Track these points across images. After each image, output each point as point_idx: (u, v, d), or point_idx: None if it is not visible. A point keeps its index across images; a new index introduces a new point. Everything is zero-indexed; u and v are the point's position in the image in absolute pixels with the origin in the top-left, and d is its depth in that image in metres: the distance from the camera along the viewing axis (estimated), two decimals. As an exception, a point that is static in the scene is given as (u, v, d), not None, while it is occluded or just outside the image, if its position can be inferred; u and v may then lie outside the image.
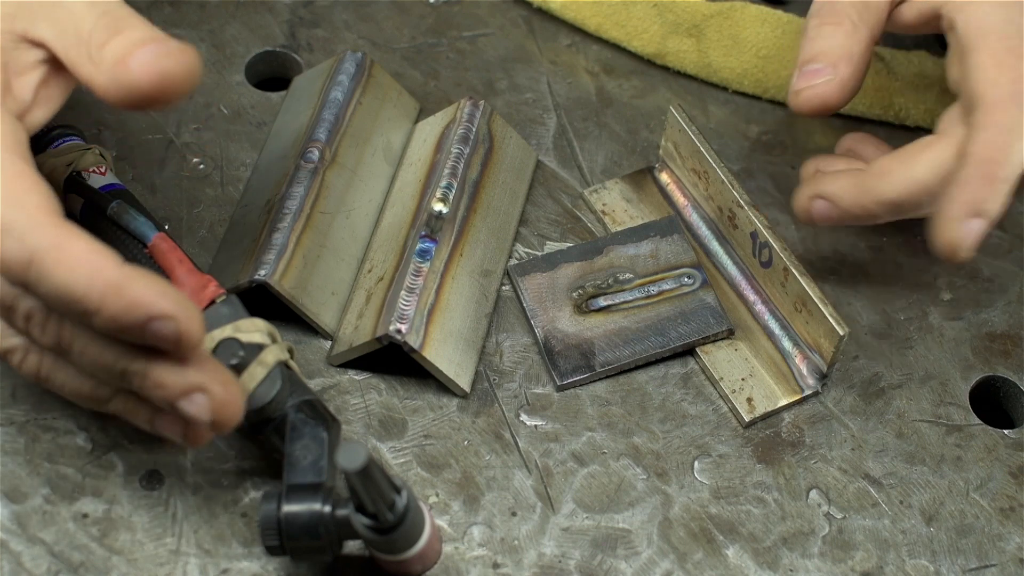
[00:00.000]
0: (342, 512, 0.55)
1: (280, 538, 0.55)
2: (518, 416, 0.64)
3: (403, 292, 0.63)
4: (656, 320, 0.66)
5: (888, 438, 0.65)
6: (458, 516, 0.61)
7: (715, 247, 0.69)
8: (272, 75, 0.76)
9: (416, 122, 0.73)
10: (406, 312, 0.62)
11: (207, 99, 0.73)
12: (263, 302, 0.63)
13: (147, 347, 0.52)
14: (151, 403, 0.54)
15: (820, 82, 0.64)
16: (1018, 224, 0.72)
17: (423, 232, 0.65)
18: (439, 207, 0.66)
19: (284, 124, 0.71)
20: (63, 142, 0.65)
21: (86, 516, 0.59)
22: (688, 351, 0.66)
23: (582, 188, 0.72)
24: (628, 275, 0.68)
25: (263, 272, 0.63)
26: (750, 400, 0.65)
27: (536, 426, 0.64)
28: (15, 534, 0.59)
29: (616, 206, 0.71)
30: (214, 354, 0.56)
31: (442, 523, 0.61)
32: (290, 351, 0.59)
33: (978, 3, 0.62)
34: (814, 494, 0.63)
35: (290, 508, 0.55)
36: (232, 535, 0.59)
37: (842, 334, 0.62)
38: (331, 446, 0.57)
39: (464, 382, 0.64)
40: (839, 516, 0.62)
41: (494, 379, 0.65)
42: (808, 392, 0.65)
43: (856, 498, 0.63)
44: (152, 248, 0.60)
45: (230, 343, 0.56)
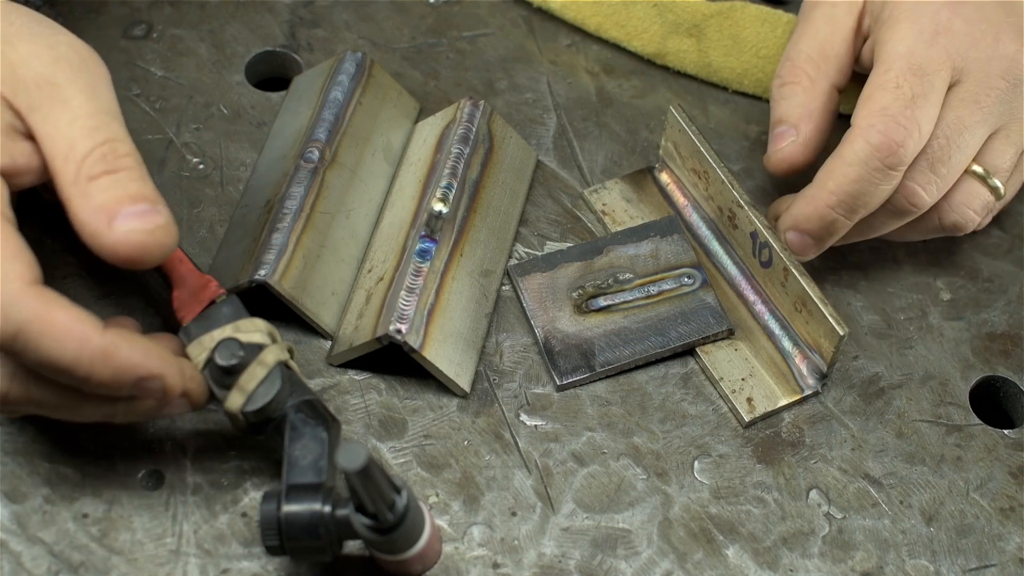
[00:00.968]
0: (342, 512, 0.55)
1: (280, 538, 0.55)
2: (518, 416, 0.64)
3: (403, 292, 0.63)
4: (656, 320, 0.66)
5: (888, 438, 0.65)
6: (458, 516, 0.61)
7: (715, 247, 0.69)
8: (272, 75, 0.76)
9: (416, 122, 0.73)
10: (406, 312, 0.62)
11: (207, 99, 0.73)
12: (263, 302, 0.63)
13: None
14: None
15: (786, 145, 0.67)
16: (1018, 224, 0.72)
17: (423, 232, 0.65)
18: (439, 207, 0.66)
19: (284, 124, 0.71)
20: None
21: (86, 516, 0.59)
22: (688, 351, 0.66)
23: (582, 188, 0.72)
24: (628, 275, 0.68)
25: (263, 272, 0.63)
26: (750, 400, 0.65)
27: (536, 426, 0.64)
28: (15, 534, 0.59)
29: (616, 206, 0.71)
30: (214, 354, 0.56)
31: (442, 523, 0.61)
32: (290, 351, 0.59)
33: (893, 31, 0.64)
34: (814, 494, 0.63)
35: (290, 508, 0.55)
36: (232, 535, 0.59)
37: (842, 334, 0.62)
38: (331, 446, 0.57)
39: (464, 382, 0.64)
40: (839, 516, 0.62)
41: (494, 379, 0.65)
42: (808, 392, 0.65)
43: (856, 498, 0.63)
44: (152, 248, 0.60)
45: (230, 343, 0.56)
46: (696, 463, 0.63)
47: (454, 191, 0.67)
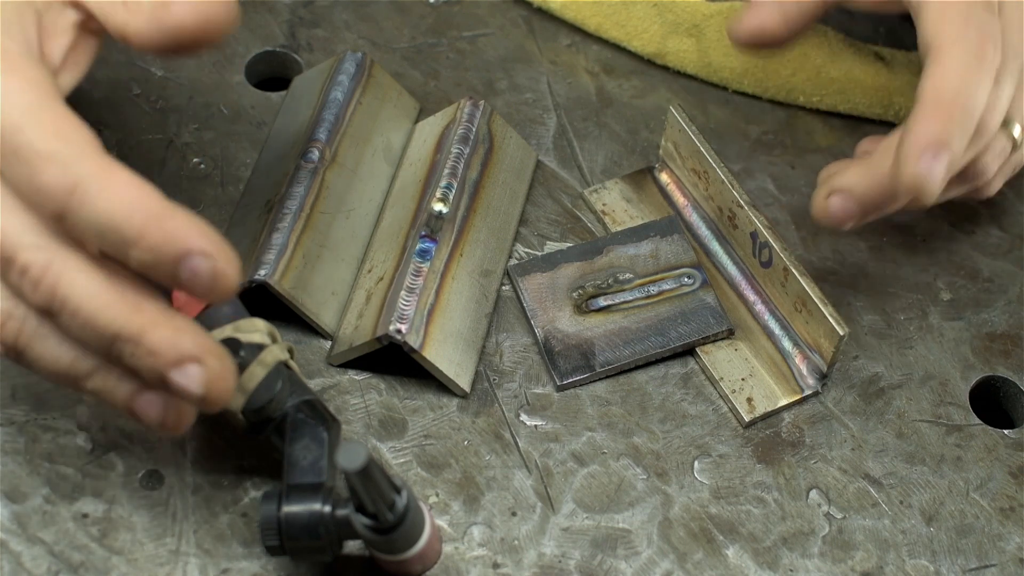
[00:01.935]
0: (342, 512, 0.55)
1: (280, 538, 0.55)
2: (518, 416, 0.64)
3: (403, 292, 0.63)
4: (656, 320, 0.66)
5: (888, 438, 0.65)
6: (458, 516, 0.61)
7: (715, 247, 0.69)
8: (272, 75, 0.76)
9: (416, 122, 0.73)
10: (406, 312, 0.62)
11: (207, 99, 0.73)
12: (263, 302, 0.63)
13: (148, 310, 0.50)
14: (134, 380, 0.52)
15: (762, 11, 0.64)
16: (1018, 224, 0.72)
17: (423, 232, 0.65)
18: (439, 207, 0.66)
19: (284, 124, 0.71)
20: (63, 142, 0.65)
21: (86, 516, 0.59)
22: (688, 351, 0.66)
23: (582, 188, 0.72)
24: (628, 275, 0.68)
25: (263, 272, 0.63)
26: (750, 400, 0.65)
27: (536, 426, 0.64)
28: (15, 534, 0.59)
29: (616, 206, 0.71)
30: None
31: (442, 523, 0.61)
32: (290, 351, 0.59)
33: None
34: (814, 494, 0.63)
35: (290, 508, 0.55)
36: (232, 535, 0.59)
37: (842, 334, 0.62)
38: (331, 446, 0.57)
39: (464, 382, 0.64)
40: (839, 516, 0.62)
41: (494, 379, 0.65)
42: (808, 392, 0.65)
43: (856, 498, 0.63)
44: (152, 248, 0.60)
45: (230, 343, 0.56)
46: (696, 463, 0.63)
47: (454, 191, 0.67)
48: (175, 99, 0.73)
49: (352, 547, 0.59)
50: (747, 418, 0.64)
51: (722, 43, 0.75)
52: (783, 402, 0.65)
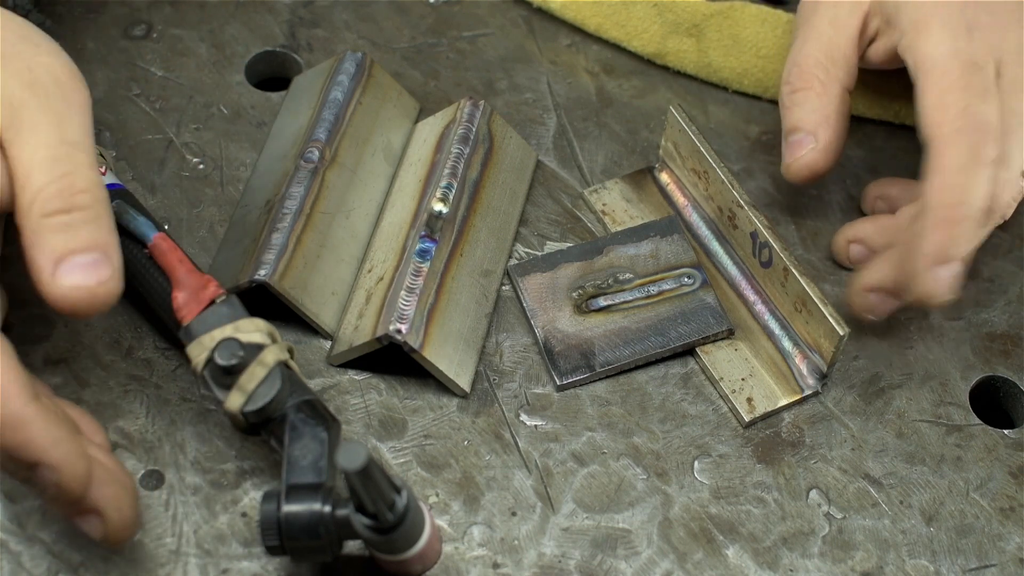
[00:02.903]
0: (342, 512, 0.55)
1: (280, 538, 0.55)
2: (518, 416, 0.64)
3: (403, 292, 0.63)
4: (656, 320, 0.66)
5: (888, 438, 0.65)
6: (458, 516, 0.61)
7: (715, 247, 0.69)
8: (272, 75, 0.76)
9: (416, 122, 0.73)
10: (406, 312, 0.62)
11: (207, 99, 0.73)
12: (263, 302, 0.63)
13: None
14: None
15: (804, 152, 0.66)
16: (1018, 224, 0.72)
17: (423, 232, 0.65)
18: (439, 207, 0.66)
19: (284, 124, 0.71)
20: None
21: (86, 516, 0.59)
22: (688, 351, 0.66)
23: (582, 188, 0.72)
24: (628, 275, 0.68)
25: (263, 272, 0.63)
26: (750, 400, 0.65)
27: (536, 426, 0.64)
28: (14, 534, 0.59)
29: (616, 206, 0.71)
30: (214, 354, 0.56)
31: (442, 523, 0.61)
32: (290, 351, 0.59)
33: (926, 35, 0.63)
34: (814, 494, 0.63)
35: (290, 508, 0.55)
36: (232, 535, 0.59)
37: (842, 334, 0.62)
38: (331, 446, 0.57)
39: (464, 382, 0.64)
40: (839, 516, 0.62)
41: (494, 379, 0.65)
42: (808, 392, 0.65)
43: (856, 498, 0.63)
44: (152, 248, 0.60)
45: (230, 343, 0.56)
46: (696, 463, 0.63)
47: (454, 191, 0.67)
48: (175, 99, 0.73)
49: (352, 547, 0.59)
50: (747, 418, 0.64)
51: (722, 43, 0.75)
52: (783, 402, 0.65)
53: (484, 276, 0.67)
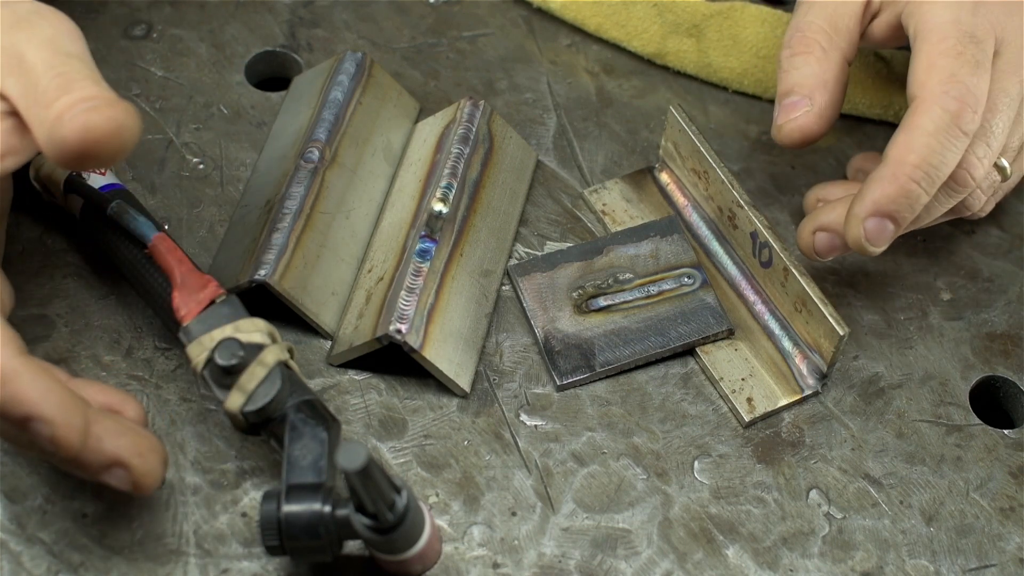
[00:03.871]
0: (342, 512, 0.55)
1: (280, 538, 0.55)
2: (518, 416, 0.64)
3: (403, 292, 0.63)
4: (656, 320, 0.66)
5: (888, 438, 0.65)
6: (458, 516, 0.61)
7: (715, 247, 0.69)
8: (272, 75, 0.76)
9: (416, 122, 0.73)
10: (406, 312, 0.62)
11: (207, 99, 0.73)
12: (263, 302, 0.63)
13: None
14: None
15: (799, 114, 0.65)
16: (1018, 224, 0.72)
17: (423, 232, 0.65)
18: (439, 207, 0.66)
19: (284, 124, 0.71)
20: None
21: (86, 516, 0.59)
22: (688, 351, 0.66)
23: (582, 188, 0.72)
24: (628, 275, 0.68)
25: (263, 272, 0.63)
26: (750, 400, 0.65)
27: (536, 426, 0.64)
28: (15, 534, 0.59)
29: (616, 206, 0.71)
30: (214, 354, 0.56)
31: (442, 523, 0.61)
32: (290, 351, 0.59)
33: (931, 3, 0.63)
34: (814, 494, 0.63)
35: (290, 508, 0.55)
36: (232, 535, 0.59)
37: (842, 334, 0.62)
38: (331, 446, 0.57)
39: (464, 382, 0.64)
40: (839, 516, 0.62)
41: (494, 379, 0.65)
42: (808, 392, 0.65)
43: (856, 498, 0.63)
44: (152, 248, 0.60)
45: (230, 343, 0.56)
46: (696, 463, 0.63)
47: (454, 191, 0.67)
48: (175, 99, 0.73)
49: (352, 547, 0.59)
50: (747, 418, 0.64)
51: (722, 43, 0.75)
52: (783, 402, 0.65)
53: (484, 276, 0.67)
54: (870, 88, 0.74)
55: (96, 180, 0.64)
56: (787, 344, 0.66)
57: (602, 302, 0.67)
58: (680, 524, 0.61)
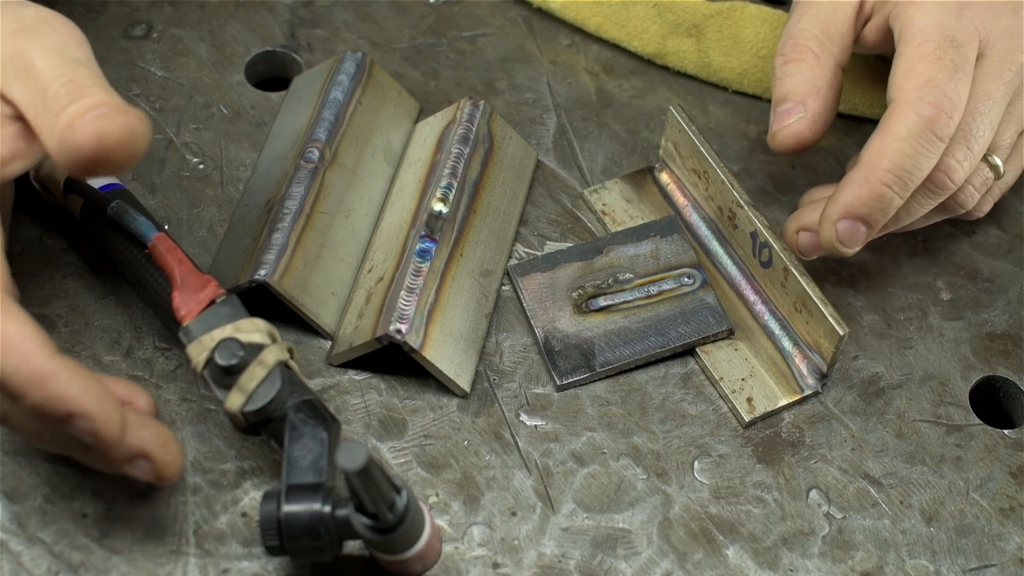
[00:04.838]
0: (342, 512, 0.55)
1: (280, 538, 0.55)
2: (518, 416, 0.64)
3: (403, 292, 0.63)
4: (656, 320, 0.66)
5: (888, 438, 0.65)
6: (458, 516, 0.61)
7: (715, 247, 0.69)
8: (272, 75, 0.76)
9: (416, 122, 0.73)
10: (406, 312, 0.62)
11: (207, 99, 0.73)
12: (263, 302, 0.63)
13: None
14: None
15: (792, 121, 0.65)
16: (1018, 224, 0.72)
17: (423, 232, 0.65)
18: (439, 207, 0.66)
19: (284, 124, 0.71)
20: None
21: (86, 516, 0.59)
22: (688, 351, 0.66)
23: (582, 188, 0.72)
24: (628, 275, 0.68)
25: (263, 272, 0.63)
26: (750, 400, 0.65)
27: (536, 426, 0.64)
28: (15, 534, 0.59)
29: (616, 206, 0.71)
30: (214, 354, 0.56)
31: (442, 523, 0.61)
32: (290, 351, 0.59)
33: (916, 6, 0.63)
34: (814, 494, 0.63)
35: (290, 508, 0.55)
36: (232, 535, 0.59)
37: (842, 334, 0.62)
38: (331, 446, 0.57)
39: (464, 382, 0.64)
40: (839, 516, 0.62)
41: (494, 379, 0.65)
42: (808, 392, 0.65)
43: (856, 498, 0.63)
44: (152, 248, 0.61)
45: (230, 343, 0.56)
46: (696, 463, 0.63)
47: (454, 191, 0.67)
48: (175, 99, 0.73)
49: (352, 547, 0.59)
50: (747, 418, 0.64)
51: (722, 43, 0.75)
52: (783, 402, 0.65)
53: (484, 276, 0.67)
54: (870, 88, 0.74)
55: (96, 180, 0.64)
56: (787, 344, 0.66)
57: (602, 302, 0.67)
58: (680, 524, 0.61)
